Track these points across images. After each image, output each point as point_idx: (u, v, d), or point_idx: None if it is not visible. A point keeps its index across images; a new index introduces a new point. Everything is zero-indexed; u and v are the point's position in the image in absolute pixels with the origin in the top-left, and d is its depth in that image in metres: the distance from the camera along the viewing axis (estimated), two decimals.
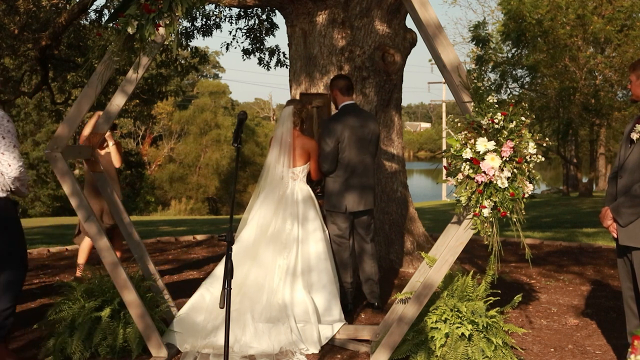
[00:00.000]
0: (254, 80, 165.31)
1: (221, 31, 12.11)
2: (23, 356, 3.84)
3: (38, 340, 3.99)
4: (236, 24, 11.29)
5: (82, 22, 12.17)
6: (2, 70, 13.05)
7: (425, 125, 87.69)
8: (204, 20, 11.13)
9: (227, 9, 11.12)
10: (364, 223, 4.69)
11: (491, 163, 3.12)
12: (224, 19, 11.26)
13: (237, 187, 36.00)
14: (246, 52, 11.35)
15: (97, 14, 11.10)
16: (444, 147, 17.86)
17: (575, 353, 3.93)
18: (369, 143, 4.62)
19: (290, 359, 3.74)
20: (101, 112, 4.61)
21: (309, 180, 4.61)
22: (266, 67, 11.52)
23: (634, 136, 3.35)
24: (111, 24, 3.30)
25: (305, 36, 6.06)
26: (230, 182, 39.33)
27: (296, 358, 3.75)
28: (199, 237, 8.92)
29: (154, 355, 3.73)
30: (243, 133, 3.13)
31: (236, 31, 11.32)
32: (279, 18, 21.34)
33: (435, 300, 3.66)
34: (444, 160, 3.87)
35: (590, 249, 7.64)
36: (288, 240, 4.35)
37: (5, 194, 3.71)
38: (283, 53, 11.49)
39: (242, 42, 23.33)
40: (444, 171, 3.37)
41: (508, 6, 19.00)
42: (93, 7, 12.21)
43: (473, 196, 3.17)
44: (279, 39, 40.50)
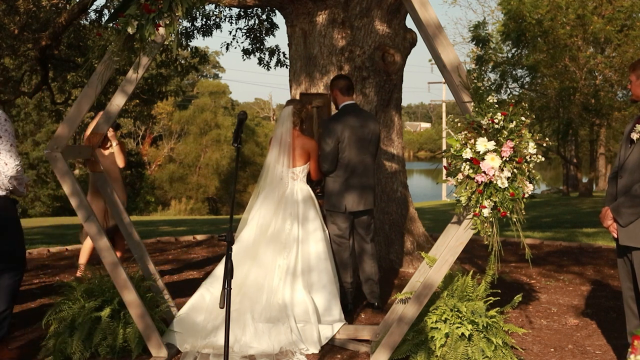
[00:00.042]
0: (254, 80, 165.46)
1: (221, 31, 12.12)
2: (23, 356, 3.85)
3: (38, 340, 3.99)
4: (236, 24, 11.30)
5: (82, 22, 12.17)
6: (2, 70, 13.05)
7: (425, 125, 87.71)
8: (204, 20, 11.15)
9: (227, 9, 11.13)
10: (364, 223, 4.69)
11: (491, 163, 3.12)
12: (224, 19, 11.27)
13: (237, 187, 36.00)
14: (246, 52, 11.35)
15: (97, 14, 11.11)
16: (444, 147, 17.85)
17: (575, 353, 3.93)
18: (369, 143, 4.62)
19: (290, 359, 3.74)
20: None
21: (309, 180, 4.61)
22: (266, 67, 11.52)
23: (634, 136, 3.35)
24: (111, 24, 3.30)
25: (305, 36, 6.06)
26: (230, 182, 39.34)
27: (296, 358, 3.75)
28: (199, 237, 8.92)
29: (154, 355, 3.73)
30: (243, 133, 3.13)
31: (236, 31, 11.33)
32: (279, 18, 21.35)
33: (435, 300, 3.66)
34: (444, 160, 3.87)
35: (590, 249, 7.64)
36: (288, 240, 4.35)
37: (4, 193, 3.71)
38: (283, 53, 11.50)
39: (242, 42, 23.36)
40: (444, 171, 3.37)
41: (508, 6, 19.00)
42: (93, 7, 12.22)
43: (473, 196, 3.17)
44: (279, 39, 40.53)
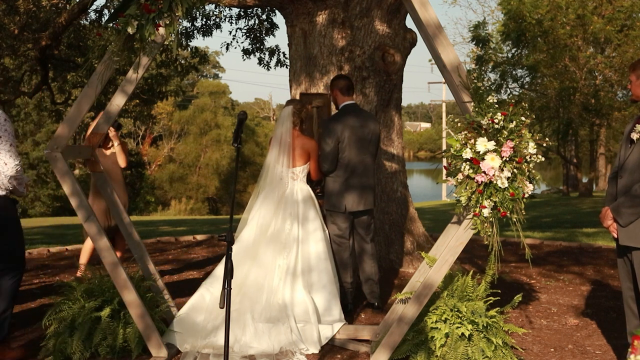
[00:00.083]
0: (254, 80, 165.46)
1: (221, 31, 12.12)
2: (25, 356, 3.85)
3: (38, 340, 3.98)
4: (236, 24, 11.30)
5: (82, 22, 12.17)
6: (2, 70, 13.05)
7: (425, 125, 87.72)
8: (204, 20, 11.14)
9: (227, 9, 11.13)
10: (364, 223, 4.69)
11: (491, 163, 3.12)
12: (224, 19, 11.26)
13: (237, 187, 36.01)
14: (246, 52, 11.35)
15: (97, 14, 11.11)
16: (444, 147, 17.85)
17: (575, 353, 3.93)
18: (369, 143, 4.62)
19: (290, 359, 3.74)
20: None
21: (309, 180, 4.61)
22: (266, 67, 11.52)
23: (634, 136, 3.35)
24: (111, 24, 3.30)
25: (305, 36, 6.06)
26: (230, 182, 39.34)
27: (296, 358, 3.75)
28: (199, 237, 8.92)
29: (154, 355, 3.73)
30: (243, 133, 3.13)
31: (236, 31, 11.33)
32: (279, 18, 21.36)
33: (435, 300, 3.66)
34: (444, 160, 3.87)
35: (590, 249, 7.64)
36: (288, 240, 4.35)
37: (4, 192, 3.71)
38: (283, 53, 11.50)
39: (242, 42, 23.36)
40: (444, 171, 3.37)
41: (508, 6, 19.00)
42: (93, 7, 12.22)
43: (473, 196, 3.17)
44: (279, 39, 40.55)
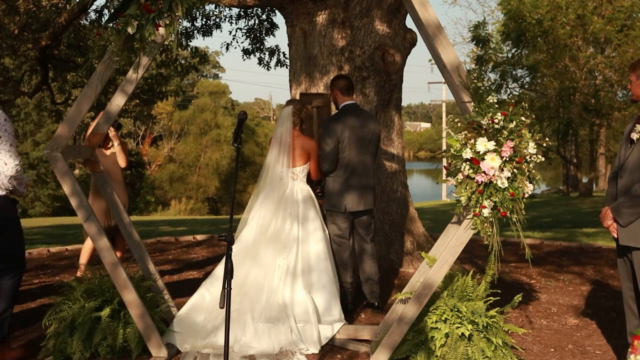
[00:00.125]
0: (254, 80, 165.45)
1: (221, 31, 12.12)
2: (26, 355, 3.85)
3: (38, 340, 3.98)
4: (236, 24, 11.30)
5: (82, 22, 12.17)
6: (2, 70, 13.05)
7: (425, 125, 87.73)
8: (204, 20, 11.14)
9: (227, 9, 11.13)
10: (364, 223, 4.69)
11: (491, 163, 3.12)
12: (224, 19, 11.26)
13: (237, 187, 36.01)
14: (246, 52, 11.35)
15: (97, 14, 11.11)
16: (444, 147, 17.85)
17: (575, 353, 3.93)
18: (369, 143, 4.62)
19: (290, 359, 3.74)
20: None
21: (309, 180, 4.61)
22: (266, 67, 11.52)
23: (634, 136, 3.35)
24: (111, 24, 3.30)
25: (305, 36, 6.06)
26: (230, 182, 39.34)
27: (296, 358, 3.75)
28: (199, 237, 8.92)
29: (154, 355, 3.73)
30: (243, 133, 3.13)
31: (236, 31, 11.33)
32: (279, 18, 21.36)
33: (435, 300, 3.65)
34: (444, 160, 3.87)
35: (590, 249, 7.64)
36: (288, 240, 4.35)
37: (4, 192, 3.71)
38: (283, 53, 11.50)
39: (242, 42, 23.36)
40: (444, 171, 3.37)
41: (508, 6, 19.00)
42: (93, 7, 12.22)
43: (473, 196, 3.17)
44: (279, 39, 40.55)
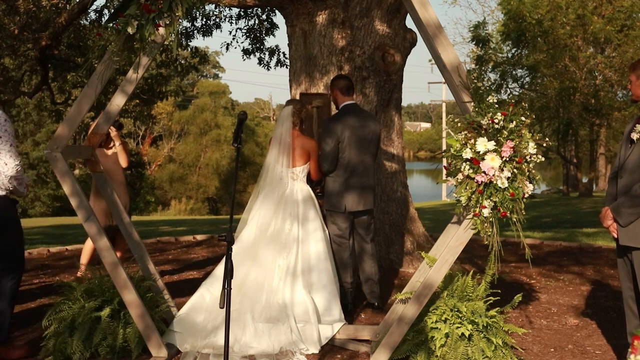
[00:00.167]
0: (254, 80, 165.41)
1: (221, 31, 12.12)
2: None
3: (38, 340, 3.98)
4: (236, 24, 11.30)
5: (82, 22, 12.16)
6: (2, 70, 13.04)
7: (425, 125, 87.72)
8: (204, 20, 11.14)
9: (227, 9, 11.13)
10: (364, 223, 4.69)
11: (491, 163, 3.12)
12: (224, 19, 11.26)
13: (237, 187, 36.01)
14: (246, 52, 11.35)
15: (97, 14, 11.11)
16: (444, 147, 17.85)
17: (575, 353, 3.93)
18: (370, 143, 4.62)
19: (290, 359, 3.74)
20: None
21: (309, 180, 4.61)
22: (266, 67, 11.52)
23: (634, 136, 3.35)
24: (111, 24, 3.30)
25: (305, 36, 6.06)
26: (230, 182, 39.34)
27: (296, 358, 3.75)
28: (199, 237, 8.92)
29: (154, 355, 3.73)
30: (243, 133, 3.13)
31: (236, 31, 11.33)
32: (279, 18, 21.37)
33: (435, 300, 3.65)
34: (444, 160, 3.87)
35: (590, 249, 7.64)
36: (288, 240, 4.35)
37: (4, 192, 3.71)
38: (283, 53, 11.50)
39: (242, 42, 23.38)
40: (444, 171, 3.37)
41: (508, 6, 19.00)
42: (93, 7, 12.21)
43: (473, 196, 3.17)
44: (279, 39, 40.56)
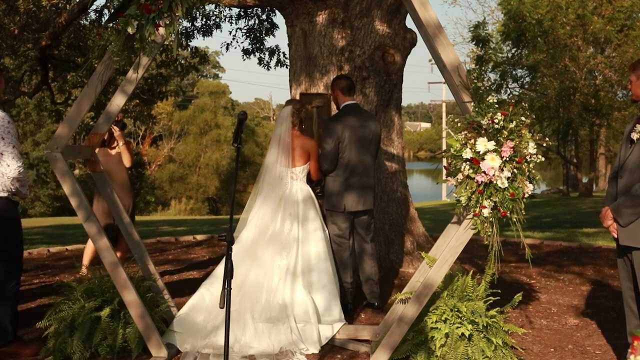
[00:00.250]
0: (254, 80, 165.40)
1: (221, 31, 12.12)
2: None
3: (38, 340, 3.98)
4: (236, 24, 11.30)
5: (82, 22, 12.16)
6: (2, 70, 13.03)
7: (425, 125, 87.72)
8: (204, 20, 11.14)
9: (227, 9, 11.13)
10: (364, 223, 4.69)
11: (491, 163, 3.12)
12: (224, 19, 11.27)
13: (237, 187, 36.01)
14: (246, 52, 11.35)
15: (97, 14, 11.11)
16: (444, 147, 17.85)
17: (575, 353, 3.93)
18: (370, 143, 4.62)
19: (290, 359, 3.74)
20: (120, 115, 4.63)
21: (309, 180, 4.61)
22: (266, 67, 11.52)
23: (634, 136, 3.35)
24: (111, 24, 3.30)
25: (305, 36, 6.06)
26: (230, 182, 39.34)
27: (296, 358, 3.75)
28: (199, 237, 8.92)
29: (154, 355, 3.73)
30: (243, 133, 3.13)
31: (236, 31, 11.33)
32: (279, 18, 21.34)
33: (435, 300, 3.65)
34: (444, 160, 3.87)
35: (590, 249, 7.64)
36: (288, 240, 4.35)
37: (5, 194, 3.71)
38: (283, 53, 11.50)
39: (242, 42, 23.34)
40: (444, 171, 3.37)
41: (508, 6, 19.00)
42: (93, 7, 12.21)
43: (473, 196, 3.17)
44: (279, 39, 40.51)
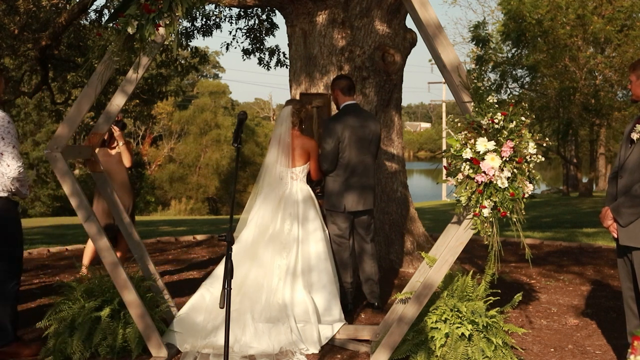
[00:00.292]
0: (254, 80, 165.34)
1: (221, 31, 12.12)
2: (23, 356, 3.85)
3: (38, 340, 3.98)
4: (236, 24, 11.30)
5: (82, 22, 12.16)
6: (2, 70, 13.03)
7: (425, 125, 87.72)
8: (204, 20, 11.14)
9: (227, 9, 11.13)
10: (364, 223, 4.69)
11: (491, 163, 3.12)
12: (224, 19, 11.27)
13: (237, 187, 36.01)
14: (246, 52, 11.35)
15: (97, 14, 11.11)
16: (444, 147, 17.85)
17: (575, 353, 3.93)
18: (370, 143, 4.62)
19: (290, 359, 3.74)
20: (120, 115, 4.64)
21: (309, 180, 4.61)
22: (266, 67, 11.52)
23: (634, 136, 3.35)
24: (111, 24, 3.30)
25: (305, 36, 6.06)
26: (230, 182, 39.34)
27: (296, 358, 3.75)
28: (199, 237, 8.92)
29: (154, 355, 3.73)
30: (243, 133, 3.13)
31: (236, 31, 11.33)
32: (279, 18, 21.34)
33: (435, 300, 3.65)
34: (444, 160, 3.87)
35: (590, 249, 7.64)
36: (287, 240, 4.35)
37: (5, 194, 3.71)
38: (283, 53, 11.50)
39: (242, 42, 23.34)
40: (444, 171, 3.37)
41: (508, 6, 19.00)
42: (93, 7, 12.21)
43: (473, 196, 3.17)
44: (279, 39, 40.51)
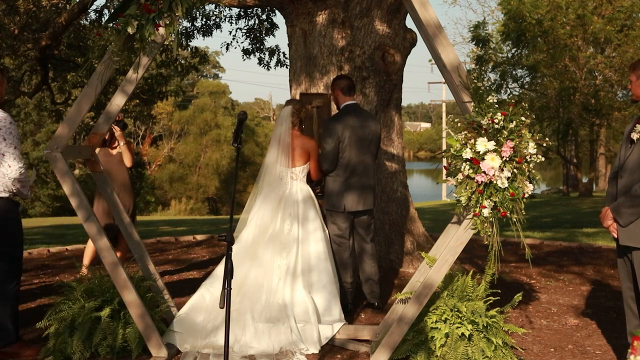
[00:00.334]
0: (254, 80, 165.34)
1: (221, 31, 12.12)
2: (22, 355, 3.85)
3: (38, 340, 3.99)
4: (236, 24, 11.30)
5: (82, 22, 12.16)
6: (2, 70, 13.02)
7: (425, 125, 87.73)
8: (204, 20, 11.14)
9: (227, 9, 11.13)
10: (364, 223, 4.69)
11: (491, 163, 3.12)
12: (224, 19, 11.27)
13: (237, 187, 36.01)
14: (246, 52, 11.35)
15: (97, 14, 11.11)
16: (444, 147, 17.86)
17: (575, 353, 3.93)
18: (370, 143, 4.62)
19: (290, 359, 3.74)
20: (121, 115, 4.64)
21: (309, 180, 4.61)
22: (266, 67, 11.52)
23: (634, 136, 3.35)
24: (111, 24, 3.30)
25: (305, 36, 6.06)
26: (230, 182, 39.35)
27: (296, 358, 3.75)
28: (199, 237, 8.92)
29: (154, 355, 3.73)
30: (243, 133, 3.13)
31: (236, 31, 11.33)
32: (279, 18, 21.34)
33: (435, 300, 3.66)
34: (444, 160, 3.87)
35: (590, 249, 7.64)
36: (287, 240, 4.35)
37: (7, 195, 3.71)
38: (283, 53, 11.50)
39: (242, 42, 23.35)
40: (444, 171, 3.37)
41: (508, 6, 19.00)
42: (93, 7, 12.21)
43: (473, 196, 3.17)
44: (279, 39, 40.54)
